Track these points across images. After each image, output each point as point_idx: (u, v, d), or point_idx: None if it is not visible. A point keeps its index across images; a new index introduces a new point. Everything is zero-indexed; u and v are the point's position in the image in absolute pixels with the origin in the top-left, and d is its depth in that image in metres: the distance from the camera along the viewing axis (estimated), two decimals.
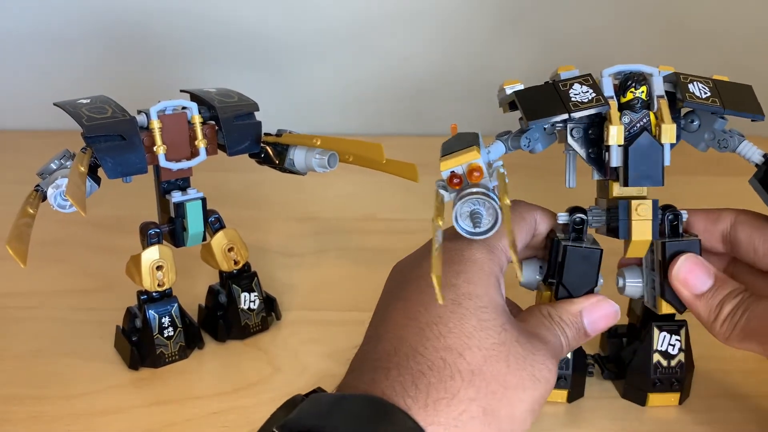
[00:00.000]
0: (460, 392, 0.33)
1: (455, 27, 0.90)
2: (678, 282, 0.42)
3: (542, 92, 0.42)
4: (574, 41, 0.89)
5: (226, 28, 0.90)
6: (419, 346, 0.35)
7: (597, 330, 0.41)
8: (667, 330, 0.45)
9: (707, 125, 0.43)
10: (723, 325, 0.41)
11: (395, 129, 0.93)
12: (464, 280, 0.37)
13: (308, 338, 0.55)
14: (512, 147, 0.44)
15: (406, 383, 0.33)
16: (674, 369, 0.46)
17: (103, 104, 0.48)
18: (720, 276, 0.42)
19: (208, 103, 0.51)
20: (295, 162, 0.53)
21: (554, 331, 0.39)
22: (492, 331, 0.35)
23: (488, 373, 0.34)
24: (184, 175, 0.51)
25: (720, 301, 0.41)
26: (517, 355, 0.35)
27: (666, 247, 0.43)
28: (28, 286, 0.61)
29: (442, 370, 0.34)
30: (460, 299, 0.36)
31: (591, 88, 0.41)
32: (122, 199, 0.63)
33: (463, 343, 0.34)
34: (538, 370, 0.35)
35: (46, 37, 0.92)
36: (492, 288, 0.37)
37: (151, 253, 0.50)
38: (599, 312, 0.41)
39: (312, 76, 0.93)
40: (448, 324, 0.35)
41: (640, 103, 0.41)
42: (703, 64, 0.54)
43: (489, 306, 0.36)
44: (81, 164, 0.44)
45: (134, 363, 0.51)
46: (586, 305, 0.41)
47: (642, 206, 0.41)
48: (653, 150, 0.41)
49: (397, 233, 0.70)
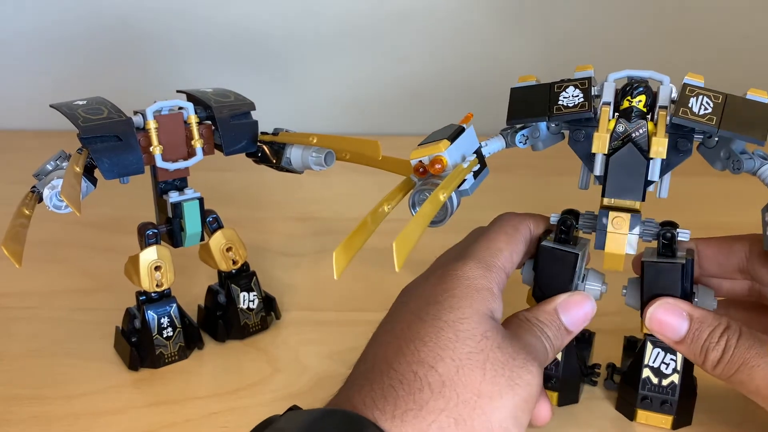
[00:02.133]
0: (429, 403, 0.33)
1: (455, 27, 0.90)
2: (653, 332, 0.41)
3: (536, 92, 0.41)
4: (577, 40, 0.89)
5: (224, 28, 0.90)
6: (394, 362, 0.35)
7: (577, 324, 0.40)
8: (662, 347, 0.44)
9: (723, 144, 0.41)
10: (715, 370, 0.39)
11: (393, 129, 0.93)
12: (450, 296, 0.37)
13: (308, 338, 0.55)
14: (511, 142, 0.43)
15: (376, 397, 0.34)
16: (665, 389, 0.44)
17: (100, 105, 0.48)
18: (697, 315, 0.40)
19: (205, 103, 0.51)
20: (292, 160, 0.53)
21: (535, 334, 0.39)
22: (469, 341, 0.35)
23: (461, 382, 0.34)
24: (181, 175, 0.51)
25: (702, 347, 0.39)
26: (495, 361, 0.34)
27: (644, 269, 0.41)
28: (28, 287, 0.61)
29: (412, 383, 0.34)
30: (440, 314, 0.36)
31: (583, 92, 0.40)
32: (120, 199, 0.63)
33: (436, 355, 0.34)
34: (517, 374, 0.35)
35: (43, 39, 0.92)
36: (478, 301, 0.37)
37: (149, 254, 0.50)
38: (573, 306, 0.40)
39: (309, 75, 0.93)
40: (424, 338, 0.35)
41: (637, 113, 0.40)
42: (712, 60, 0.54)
43: (471, 317, 0.36)
44: (76, 165, 0.44)
45: (134, 363, 0.51)
46: (559, 302, 0.40)
47: (618, 219, 0.40)
48: (635, 163, 0.39)
49: (397, 233, 0.69)
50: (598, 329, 0.50)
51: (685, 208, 0.44)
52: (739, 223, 0.45)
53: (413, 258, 0.42)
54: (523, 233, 0.42)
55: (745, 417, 0.46)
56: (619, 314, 0.48)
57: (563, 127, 0.43)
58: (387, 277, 0.62)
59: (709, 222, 0.46)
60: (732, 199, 0.48)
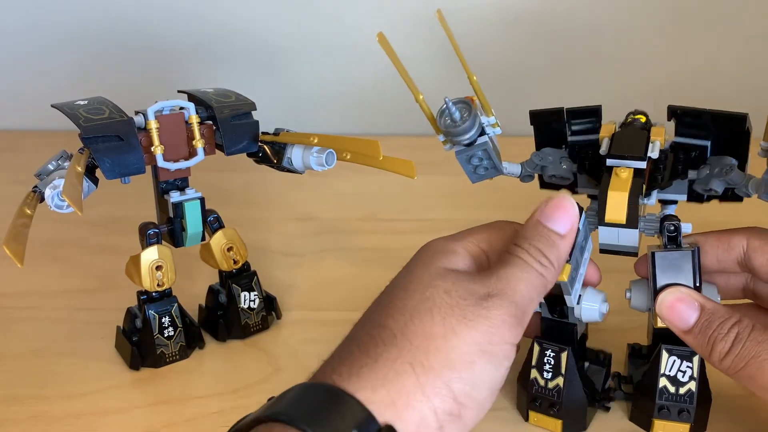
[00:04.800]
0: (383, 355, 0.34)
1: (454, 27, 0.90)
2: (662, 320, 0.40)
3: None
4: (572, 37, 0.89)
5: (224, 28, 0.90)
6: (353, 332, 0.37)
7: (565, 225, 0.38)
8: (678, 355, 0.43)
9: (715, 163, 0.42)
10: (723, 362, 0.38)
11: (393, 129, 0.93)
12: (407, 265, 0.39)
13: (308, 338, 0.55)
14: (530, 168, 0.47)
15: (335, 364, 0.35)
16: (683, 397, 0.43)
17: (101, 105, 0.48)
18: (709, 306, 0.40)
19: (206, 103, 0.51)
20: (292, 160, 0.53)
21: (524, 266, 0.37)
22: (417, 294, 0.36)
23: (410, 331, 0.34)
24: (182, 175, 0.51)
25: (710, 337, 0.39)
26: (442, 304, 0.35)
27: (655, 259, 0.41)
28: (28, 287, 0.61)
29: (367, 342, 0.35)
30: (395, 281, 0.38)
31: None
32: (121, 199, 0.63)
33: (387, 314, 0.36)
34: (470, 311, 0.35)
35: (44, 38, 0.92)
36: (432, 261, 0.38)
37: (150, 254, 0.50)
38: (553, 206, 0.39)
39: (309, 75, 0.93)
40: (380, 304, 0.37)
41: (637, 124, 0.44)
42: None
43: (421, 275, 0.37)
44: (78, 164, 0.44)
45: (135, 363, 0.51)
46: (537, 212, 0.39)
47: (622, 169, 0.41)
48: (639, 133, 0.42)
49: (397, 233, 0.70)
50: (599, 328, 0.50)
51: (685, 207, 0.44)
52: (739, 222, 0.45)
53: None
54: (507, 231, 0.41)
55: (759, 423, 0.46)
56: (621, 313, 0.48)
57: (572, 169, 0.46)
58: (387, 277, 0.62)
59: (708, 222, 0.46)
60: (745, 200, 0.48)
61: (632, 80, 0.89)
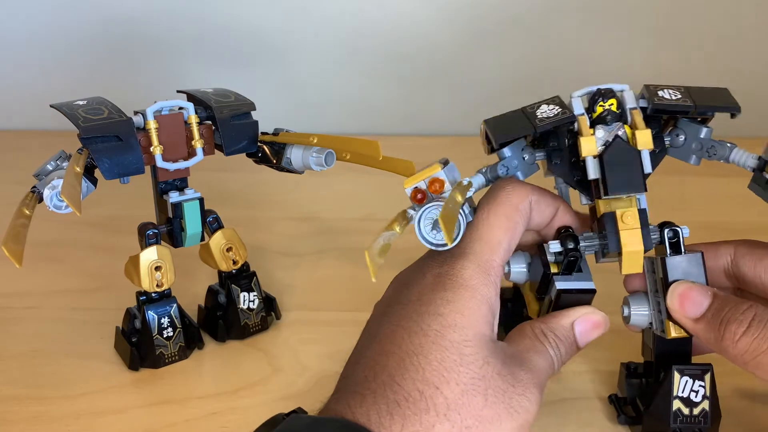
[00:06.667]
0: (435, 426, 0.34)
1: (454, 27, 0.90)
2: (673, 310, 0.40)
3: (510, 117, 0.42)
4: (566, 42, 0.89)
5: (223, 28, 0.90)
6: (397, 376, 0.35)
7: (586, 340, 0.40)
8: (690, 374, 0.42)
9: (693, 136, 0.42)
10: (737, 346, 0.36)
11: (393, 129, 0.93)
12: (452, 310, 0.37)
13: (308, 338, 0.55)
14: (491, 177, 0.43)
15: (381, 412, 0.34)
16: (697, 418, 0.42)
17: (100, 105, 0.48)
18: (720, 294, 0.39)
19: (205, 103, 0.51)
20: (292, 161, 0.53)
21: (545, 353, 0.38)
22: (473, 366, 0.35)
23: (464, 407, 0.34)
24: (181, 175, 0.51)
25: (723, 319, 0.37)
26: (496, 388, 0.35)
27: (666, 264, 0.40)
28: (28, 287, 0.61)
29: (418, 402, 0.34)
30: (444, 331, 0.36)
31: (558, 106, 0.41)
32: (120, 199, 0.63)
33: (441, 376, 0.35)
34: (516, 401, 0.35)
35: (44, 38, 0.92)
36: (481, 318, 0.37)
37: (149, 254, 0.50)
38: (590, 322, 0.40)
39: (309, 75, 0.93)
40: (429, 356, 0.35)
41: (612, 116, 0.40)
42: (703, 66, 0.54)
43: (473, 339, 0.36)
44: (77, 165, 0.44)
45: (134, 364, 0.51)
46: (577, 317, 0.40)
47: (627, 213, 0.39)
48: (629, 154, 0.39)
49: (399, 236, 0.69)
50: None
51: (684, 208, 0.44)
52: (738, 223, 0.44)
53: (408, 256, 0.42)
54: (523, 214, 0.40)
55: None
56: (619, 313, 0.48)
57: (536, 158, 0.43)
58: (387, 277, 0.62)
59: (708, 222, 0.45)
60: (732, 199, 0.48)
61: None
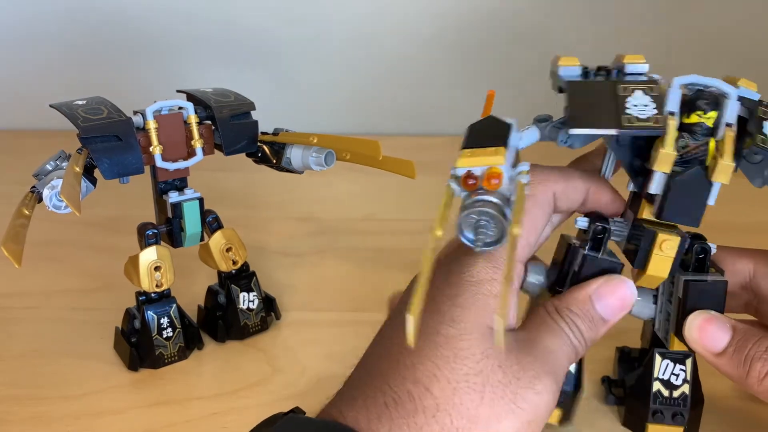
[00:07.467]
0: (423, 429, 0.31)
1: (454, 27, 0.90)
2: (692, 341, 0.38)
3: (598, 92, 0.36)
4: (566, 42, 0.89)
5: (223, 27, 0.90)
6: (390, 377, 0.33)
7: (614, 314, 0.36)
8: (671, 358, 0.42)
9: None
10: (762, 384, 0.36)
11: (393, 129, 0.93)
12: (454, 305, 0.34)
13: (308, 338, 0.55)
14: (549, 137, 0.39)
15: (370, 415, 0.32)
16: (677, 401, 0.43)
17: (99, 105, 0.48)
18: (740, 327, 0.37)
19: (205, 102, 0.51)
20: (292, 161, 0.53)
21: (558, 332, 0.35)
22: (469, 360, 0.32)
23: (455, 408, 0.32)
24: (181, 175, 0.51)
25: (746, 357, 0.36)
26: (495, 383, 0.32)
27: (689, 289, 0.39)
28: (28, 287, 0.61)
29: (407, 404, 0.32)
30: (439, 327, 0.33)
31: (654, 101, 0.35)
32: (120, 199, 0.63)
33: (432, 375, 0.32)
34: (520, 396, 0.32)
35: (43, 38, 0.92)
36: (483, 313, 0.34)
37: (149, 254, 0.50)
38: (611, 291, 0.36)
39: (309, 75, 0.93)
40: (421, 354, 0.33)
41: (704, 130, 0.36)
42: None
43: (472, 333, 0.33)
44: (76, 165, 0.44)
45: (134, 364, 0.51)
46: (594, 287, 0.36)
47: (668, 243, 0.37)
48: (700, 188, 0.35)
49: (397, 233, 0.70)
50: None
51: None
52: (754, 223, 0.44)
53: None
54: (544, 206, 0.37)
55: (750, 422, 0.46)
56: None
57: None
58: (387, 277, 0.62)
59: (723, 222, 0.44)
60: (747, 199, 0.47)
61: None
